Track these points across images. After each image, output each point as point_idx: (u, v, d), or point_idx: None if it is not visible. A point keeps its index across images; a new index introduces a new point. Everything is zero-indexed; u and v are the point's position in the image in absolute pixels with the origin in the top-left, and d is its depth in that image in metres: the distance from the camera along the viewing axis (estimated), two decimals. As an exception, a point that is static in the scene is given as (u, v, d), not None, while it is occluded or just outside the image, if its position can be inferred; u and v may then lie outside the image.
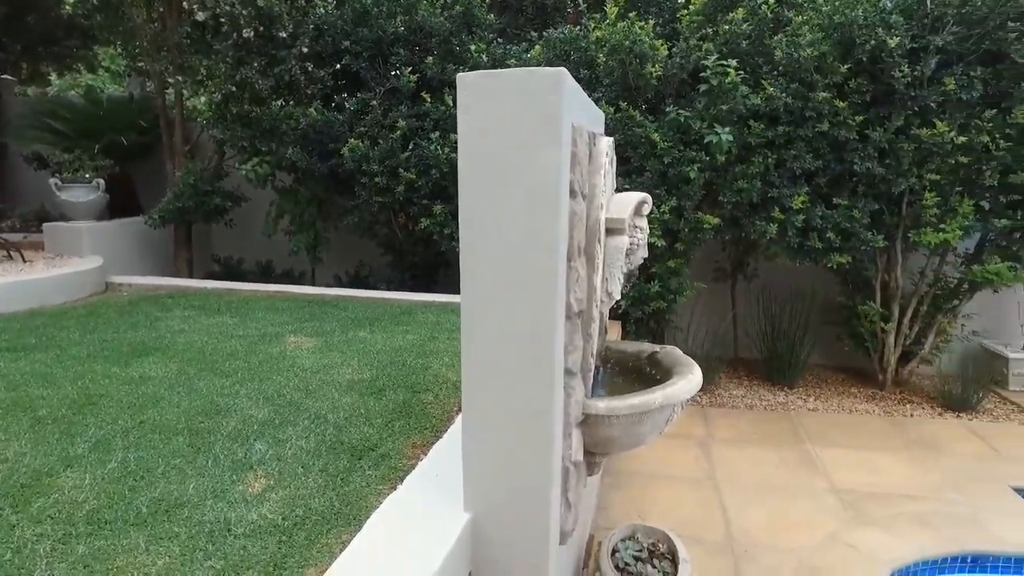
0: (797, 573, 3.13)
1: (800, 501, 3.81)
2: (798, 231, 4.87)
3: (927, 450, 4.54)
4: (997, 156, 4.62)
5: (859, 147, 4.74)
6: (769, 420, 5.00)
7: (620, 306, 5.06)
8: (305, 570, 1.81)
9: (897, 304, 5.40)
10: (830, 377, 6.05)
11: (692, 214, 4.92)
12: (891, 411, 5.30)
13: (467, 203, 1.77)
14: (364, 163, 5.59)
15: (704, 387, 5.47)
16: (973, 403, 5.35)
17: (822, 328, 5.98)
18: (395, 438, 2.62)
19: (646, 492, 3.87)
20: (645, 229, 2.21)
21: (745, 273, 5.91)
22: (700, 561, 3.20)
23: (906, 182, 4.74)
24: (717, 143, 4.59)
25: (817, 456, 4.40)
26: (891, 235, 5.08)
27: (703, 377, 5.52)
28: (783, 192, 4.83)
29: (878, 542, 3.41)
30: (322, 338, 4.07)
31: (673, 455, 4.35)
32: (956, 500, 3.84)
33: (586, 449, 2.18)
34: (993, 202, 4.87)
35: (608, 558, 2.67)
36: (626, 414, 2.02)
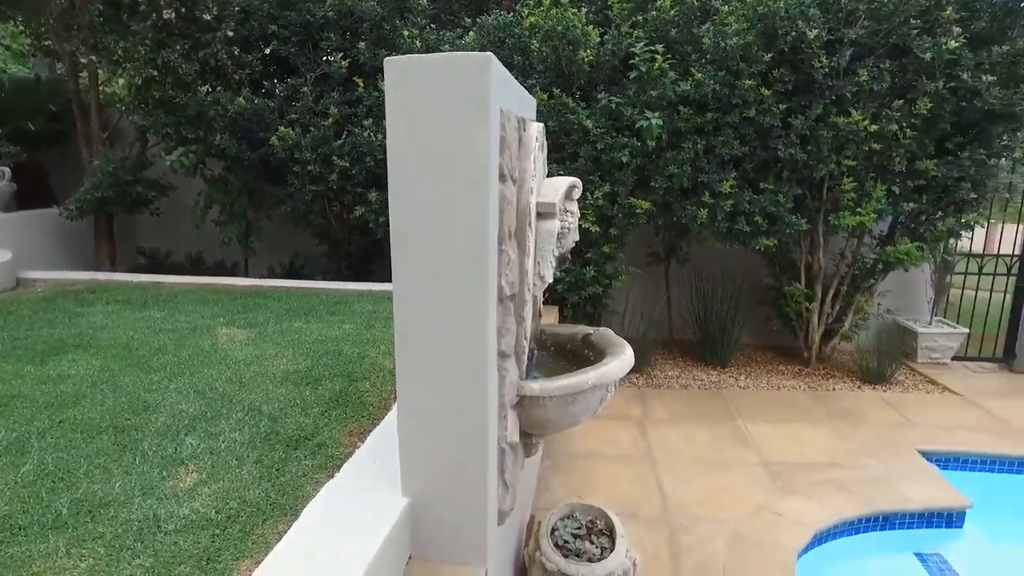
0: (729, 542, 3.28)
1: (732, 474, 3.98)
2: (727, 215, 5.04)
3: (847, 421, 4.81)
4: (905, 144, 4.89)
5: (783, 134, 4.93)
6: (703, 399, 5.19)
7: (557, 291, 5.13)
8: (240, 562, 1.78)
9: (820, 284, 5.67)
10: (760, 356, 6.31)
11: (625, 199, 5.02)
12: (815, 386, 5.58)
13: (396, 188, 1.77)
14: (296, 151, 5.46)
15: (640, 369, 5.63)
16: (887, 376, 5.69)
17: (752, 309, 6.22)
18: (332, 427, 2.60)
19: (586, 472, 3.96)
20: (576, 213, 2.25)
21: (678, 257, 6.08)
22: (638, 535, 3.30)
23: (826, 168, 4.97)
24: (648, 128, 4.69)
25: (748, 431, 4.59)
26: (813, 218, 5.32)
27: (639, 359, 5.67)
28: (712, 177, 4.99)
29: (802, 508, 3.60)
30: (255, 329, 3.97)
31: (611, 436, 4.46)
32: (871, 465, 4.10)
33: (523, 430, 2.22)
34: (902, 187, 5.16)
35: (547, 537, 2.73)
36: (560, 395, 2.06)
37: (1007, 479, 4.45)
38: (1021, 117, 4.98)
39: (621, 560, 2.63)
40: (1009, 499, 4.40)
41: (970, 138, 5.09)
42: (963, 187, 5.16)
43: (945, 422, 4.87)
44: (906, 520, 3.73)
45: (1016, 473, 4.46)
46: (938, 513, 3.75)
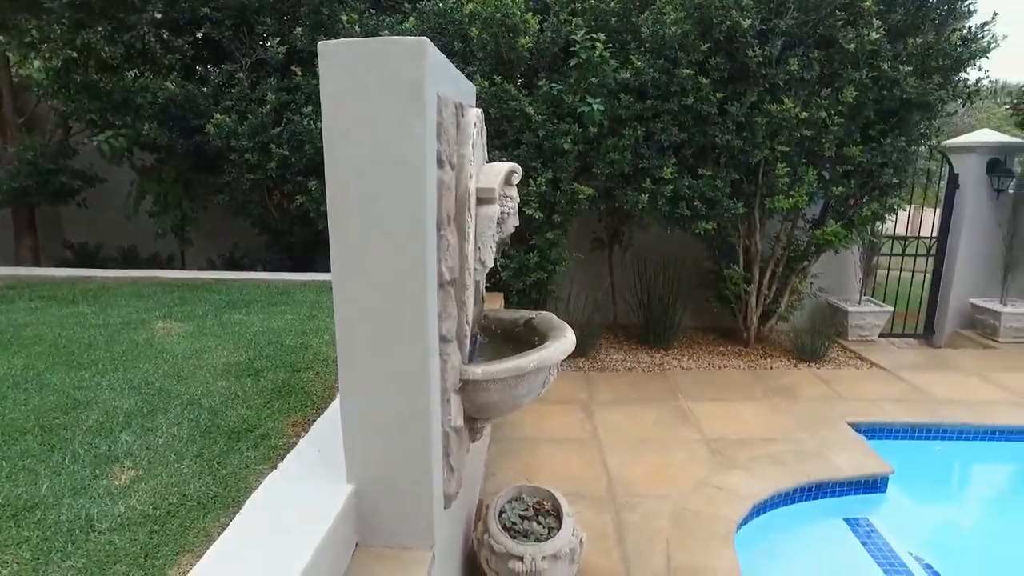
0: (671, 516, 3.39)
1: (675, 452, 4.10)
2: (668, 200, 5.16)
3: (783, 397, 5.01)
4: (833, 130, 5.11)
5: (719, 121, 5.08)
6: (647, 381, 5.32)
7: (501, 278, 5.17)
8: (180, 557, 1.75)
9: (757, 267, 5.88)
10: (701, 338, 6.50)
11: (568, 186, 5.08)
12: (754, 365, 5.79)
13: (333, 175, 1.75)
14: (232, 139, 5.31)
15: (586, 353, 5.72)
16: (821, 353, 5.96)
17: (693, 292, 6.40)
18: (274, 418, 2.56)
19: (533, 456, 4.01)
20: (515, 198, 2.27)
21: (621, 242, 6.20)
22: (584, 514, 3.37)
23: (760, 153, 5.14)
24: (590, 113, 4.76)
25: (690, 410, 4.74)
26: (750, 202, 5.50)
27: (584, 344, 5.74)
28: (653, 163, 5.10)
29: (741, 482, 3.75)
30: (194, 322, 3.86)
31: (558, 419, 4.53)
32: (805, 439, 4.29)
33: (467, 415, 2.24)
34: (831, 172, 5.38)
35: (495, 519, 2.77)
36: (503, 378, 2.09)
37: (926, 445, 4.74)
38: (935, 106, 5.26)
39: (568, 539, 2.69)
40: (927, 463, 4.69)
41: (891, 125, 5.35)
42: (886, 172, 5.42)
43: (872, 395, 5.13)
44: (836, 488, 3.92)
45: (933, 439, 4.75)
46: (864, 480, 3.96)
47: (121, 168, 6.02)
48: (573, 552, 2.71)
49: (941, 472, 4.78)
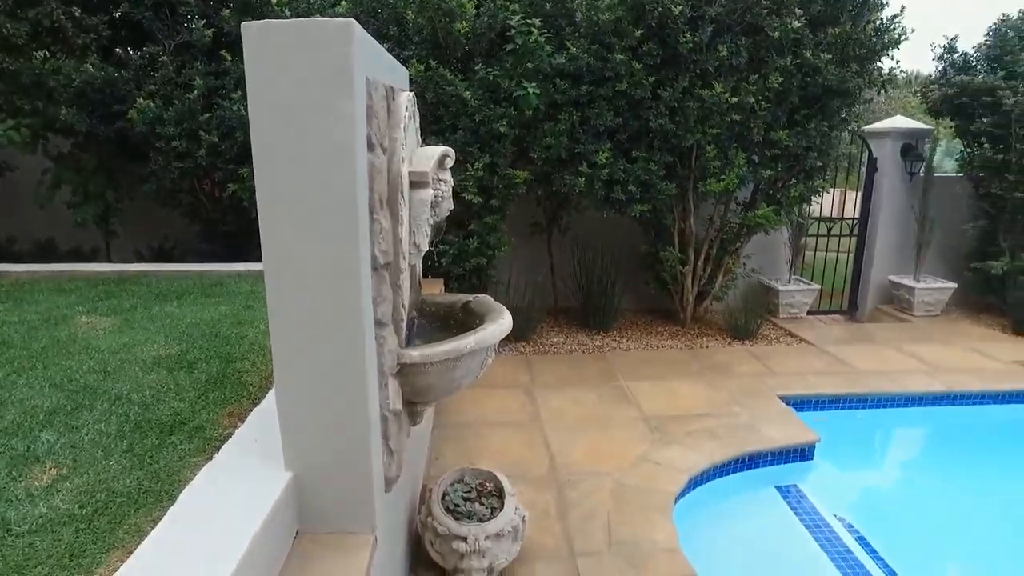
0: (612, 492, 3.49)
1: (615, 431, 4.21)
2: (604, 184, 5.25)
3: (718, 374, 5.20)
4: (761, 115, 5.29)
5: (653, 106, 5.18)
6: (587, 362, 5.42)
7: (441, 264, 5.16)
8: (109, 554, 1.70)
9: (692, 249, 6.05)
10: (640, 319, 6.66)
11: (505, 170, 5.11)
12: (691, 344, 5.98)
13: (261, 161, 1.72)
14: (158, 125, 5.10)
15: (526, 337, 5.79)
16: (753, 331, 6.19)
17: (632, 274, 6.54)
18: (210, 409, 2.50)
19: (476, 440, 4.05)
20: (449, 182, 2.28)
21: (559, 226, 6.26)
22: (528, 495, 3.43)
23: (693, 137, 5.28)
24: (526, 97, 4.78)
25: (629, 390, 4.86)
26: (683, 185, 5.64)
27: (525, 328, 5.79)
28: (588, 147, 5.18)
29: (678, 456, 3.88)
30: (121, 316, 3.72)
31: (501, 403, 4.58)
32: (738, 413, 4.47)
33: (406, 398, 2.25)
34: (760, 155, 5.58)
35: (438, 502, 2.79)
36: (440, 360, 2.10)
37: (849, 414, 5.01)
38: (853, 93, 5.52)
39: (510, 518, 2.74)
40: (850, 431, 4.97)
41: (814, 111, 5.58)
42: (810, 156, 5.66)
43: (800, 369, 5.38)
44: (767, 458, 4.12)
45: (856, 408, 5.03)
46: (793, 449, 4.17)
47: (35, 156, 5.70)
48: (516, 530, 2.76)
49: (863, 438, 5.06)
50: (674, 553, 3.02)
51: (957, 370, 5.49)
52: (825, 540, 3.64)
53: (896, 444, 5.28)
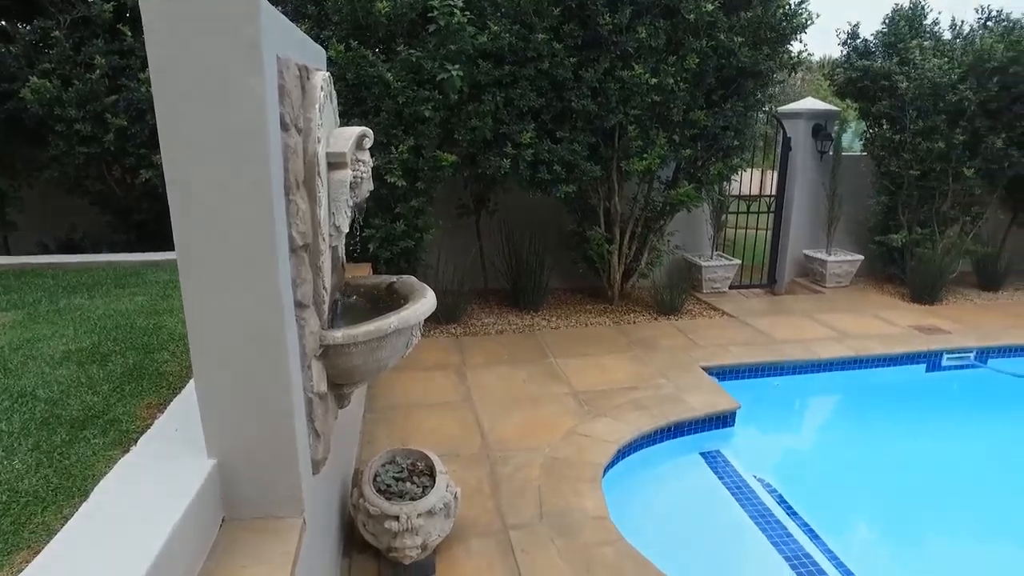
0: (543, 466, 3.57)
1: (545, 407, 4.30)
2: (529, 165, 5.30)
3: (645, 349, 5.37)
4: (680, 96, 5.44)
5: (575, 86, 5.25)
6: (518, 342, 5.49)
7: (369, 248, 5.11)
8: (13, 556, 1.63)
9: (618, 227, 6.19)
10: (569, 298, 6.79)
11: (430, 153, 5.07)
12: (619, 321, 6.14)
13: (169, 143, 1.66)
14: (57, 107, 4.80)
15: (457, 319, 5.81)
16: (678, 306, 6.41)
17: (560, 254, 6.64)
18: (126, 402, 2.42)
19: (408, 421, 4.05)
20: (368, 162, 2.26)
21: (487, 208, 6.29)
22: (461, 472, 3.48)
23: (615, 118, 5.38)
24: (449, 81, 4.76)
25: (559, 367, 4.96)
26: (607, 166, 5.76)
27: (456, 310, 5.80)
28: (513, 128, 5.21)
29: (607, 429, 4.01)
30: (24, 311, 3.51)
31: (432, 385, 4.59)
32: (664, 384, 4.64)
33: (332, 380, 2.24)
34: (680, 135, 5.74)
35: (370, 483, 2.79)
36: (364, 340, 2.10)
37: (767, 381, 5.29)
38: (766, 75, 5.75)
39: (442, 494, 2.77)
40: (768, 397, 5.24)
41: (730, 92, 5.78)
42: (728, 135, 5.87)
43: (722, 341, 5.62)
44: (692, 426, 4.30)
45: (773, 375, 5.31)
46: (715, 416, 4.37)
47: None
48: (448, 507, 2.80)
49: (780, 404, 5.36)
50: (603, 520, 3.13)
51: (864, 336, 5.86)
52: (747, 501, 3.85)
53: (810, 407, 5.61)
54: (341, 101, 4.88)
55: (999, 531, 3.90)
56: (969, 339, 5.92)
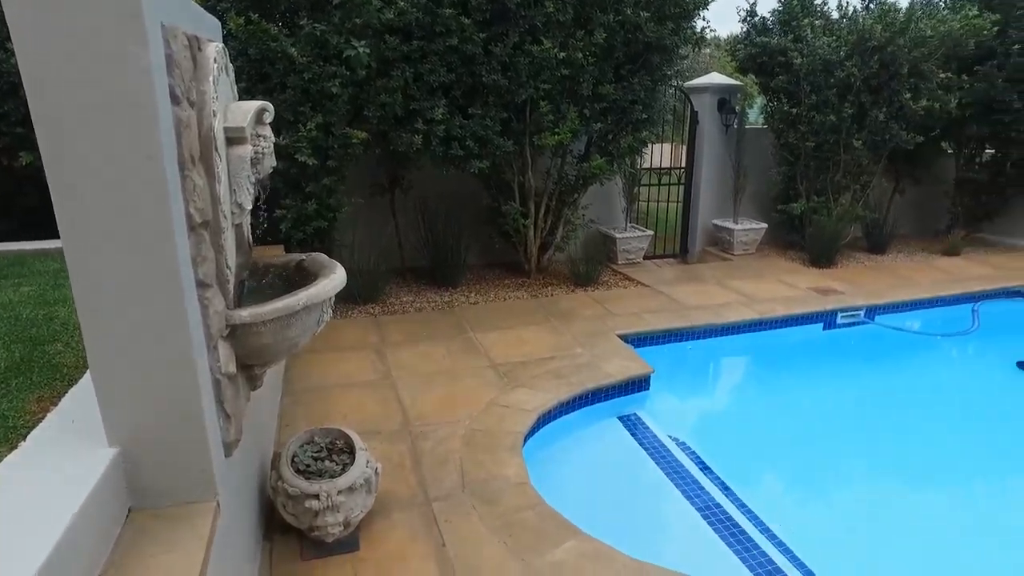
0: (463, 438, 3.62)
1: (465, 380, 4.35)
2: (441, 141, 5.27)
3: (562, 320, 5.49)
4: (589, 70, 5.53)
5: (485, 61, 5.24)
6: (437, 319, 5.50)
7: (281, 229, 4.97)
8: None
9: (533, 202, 6.26)
10: (488, 273, 6.83)
11: (340, 130, 4.96)
12: (537, 294, 6.24)
13: (45, 119, 1.57)
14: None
15: (375, 298, 5.75)
16: (594, 277, 6.58)
17: (477, 230, 6.66)
18: (13, 396, 2.28)
19: (328, 402, 4.01)
20: (270, 137, 2.20)
21: (402, 186, 6.21)
22: (382, 449, 3.48)
23: (526, 92, 5.41)
24: (356, 57, 4.65)
25: (479, 341, 5.01)
26: (520, 140, 5.79)
27: (374, 289, 5.73)
28: (424, 104, 5.15)
29: (526, 398, 4.10)
30: None
31: (351, 365, 4.55)
32: (581, 353, 4.78)
33: (242, 362, 2.19)
34: (591, 109, 5.85)
35: (288, 465, 2.76)
36: (272, 319, 2.07)
37: (680, 346, 5.53)
38: (671, 49, 5.92)
39: (362, 470, 2.78)
40: (681, 360, 5.49)
41: (638, 66, 5.92)
42: (637, 109, 6.03)
43: (637, 309, 5.82)
44: (609, 392, 4.46)
45: (686, 340, 5.55)
46: (631, 381, 4.54)
47: None
48: (369, 482, 2.81)
49: (693, 366, 5.62)
50: (524, 486, 3.22)
51: (768, 299, 6.21)
52: (662, 460, 4.04)
53: (720, 368, 5.92)
54: (244, 78, 4.69)
55: (889, 469, 4.27)
56: (859, 298, 6.38)
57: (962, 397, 5.35)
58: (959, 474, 4.25)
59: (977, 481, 4.23)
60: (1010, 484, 4.20)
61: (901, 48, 6.77)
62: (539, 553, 2.76)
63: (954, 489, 4.13)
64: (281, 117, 4.77)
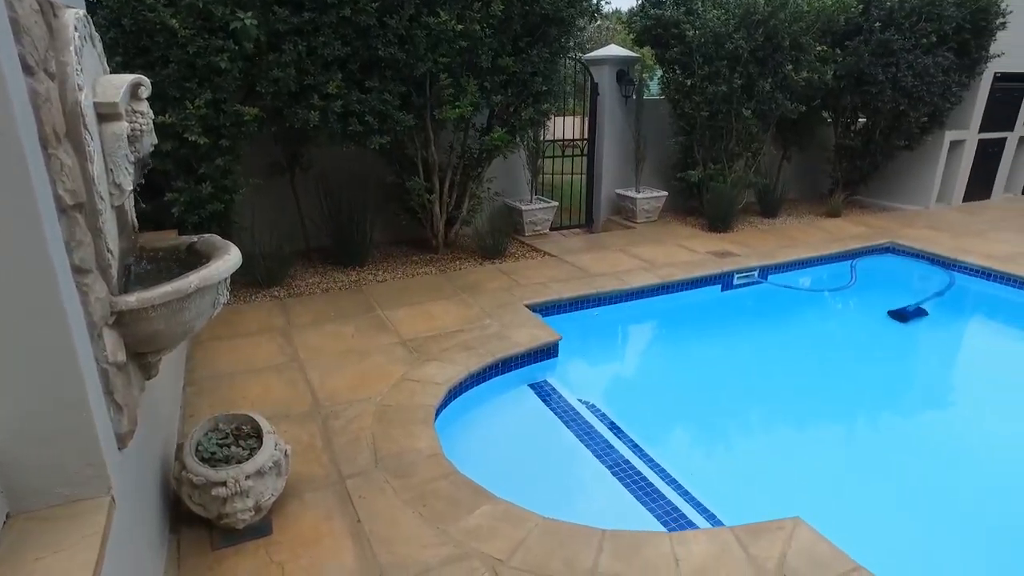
0: (375, 415, 3.62)
1: (375, 358, 4.32)
2: (339, 117, 5.14)
3: (471, 293, 5.53)
4: (487, 43, 5.52)
5: (381, 34, 5.12)
6: (344, 298, 5.41)
7: (173, 214, 4.72)
8: None
9: (437, 176, 6.23)
10: (395, 251, 6.77)
11: (232, 107, 4.73)
12: (445, 269, 6.25)
13: None
14: None
15: (280, 281, 5.60)
16: (501, 250, 6.65)
17: (383, 207, 6.56)
18: None
19: (233, 389, 3.89)
20: (148, 114, 2.09)
21: (301, 164, 6.00)
22: (292, 431, 3.43)
23: (424, 65, 5.34)
24: (243, 30, 4.43)
25: (387, 318, 4.98)
26: (421, 114, 5.73)
27: (278, 272, 5.56)
28: (319, 79, 4.99)
29: (437, 372, 4.13)
30: None
31: (257, 350, 4.42)
32: (490, 324, 4.84)
33: (133, 349, 2.10)
34: (491, 82, 5.85)
35: (192, 454, 2.68)
36: (163, 303, 1.99)
37: (586, 313, 5.71)
38: (568, 22, 5.99)
39: (271, 453, 2.73)
40: (588, 327, 5.67)
41: (536, 38, 5.96)
42: (536, 81, 6.08)
43: (544, 279, 5.94)
44: (518, 360, 4.55)
45: (592, 307, 5.74)
46: (540, 349, 4.65)
47: None
48: (279, 465, 2.77)
49: (600, 332, 5.81)
50: (437, 457, 3.26)
51: (669, 264, 6.49)
52: (574, 423, 4.18)
53: (626, 332, 6.14)
54: (120, 51, 4.39)
55: (786, 414, 4.63)
56: (753, 259, 6.77)
57: (844, 345, 5.84)
58: (845, 412, 4.67)
59: (860, 417, 4.66)
60: (886, 417, 4.67)
61: (782, 22, 7.15)
62: (454, 520, 2.82)
63: (840, 425, 4.54)
64: (166, 94, 4.50)
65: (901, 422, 4.67)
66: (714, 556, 2.65)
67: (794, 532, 2.79)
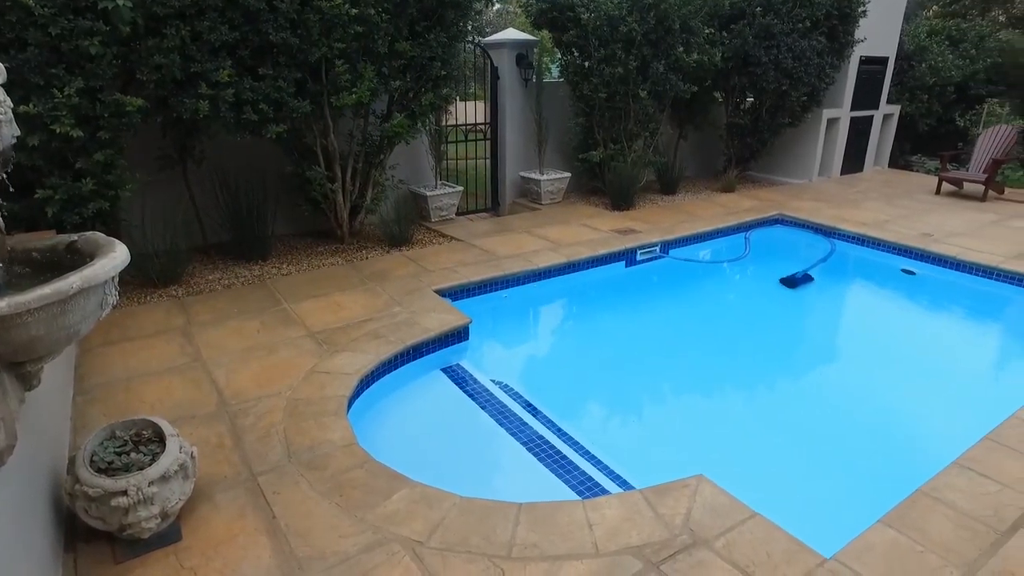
0: (285, 410, 3.55)
1: (282, 352, 4.22)
2: (231, 106, 4.92)
3: (378, 281, 5.49)
4: (383, 27, 5.43)
5: (271, 18, 4.92)
6: (247, 293, 5.23)
7: (48, 213, 4.39)
8: None
9: (338, 165, 6.09)
10: (299, 243, 6.59)
11: (110, 96, 4.43)
12: (351, 258, 6.15)
13: None
14: None
15: (177, 279, 5.36)
16: (408, 237, 6.61)
17: (284, 199, 6.36)
18: None
19: (130, 395, 3.70)
20: (7, 103, 1.95)
21: (194, 157, 5.70)
22: (199, 433, 3.31)
23: (319, 51, 5.19)
24: (116, 11, 4.15)
25: (293, 312, 4.86)
26: (318, 101, 5.57)
27: (175, 270, 5.31)
28: (207, 66, 4.76)
29: (346, 362, 4.08)
30: None
31: (155, 351, 4.21)
32: (399, 312, 4.83)
33: (9, 359, 1.97)
34: (389, 67, 5.77)
35: (86, 466, 2.55)
36: (40, 307, 1.87)
37: (495, 295, 5.79)
38: (465, 5, 5.99)
39: (175, 456, 2.64)
40: (498, 309, 5.76)
41: (433, 22, 5.92)
42: (435, 66, 6.05)
43: (452, 264, 5.97)
44: (429, 346, 4.57)
45: (500, 288, 5.82)
46: (450, 333, 4.68)
47: None
48: (185, 468, 2.68)
49: (509, 313, 5.90)
50: (351, 447, 3.24)
51: (574, 243, 6.66)
52: (488, 404, 4.26)
53: (535, 312, 6.28)
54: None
55: (691, 380, 4.89)
56: (654, 235, 7.06)
57: (741, 312, 6.23)
58: (744, 374, 4.99)
59: (758, 377, 4.98)
60: (780, 376, 5.03)
61: (672, 5, 7.42)
62: (371, 507, 2.83)
63: (741, 386, 4.84)
64: (27, 80, 4.15)
65: (793, 379, 5.04)
66: (625, 518, 2.80)
67: (698, 489, 2.99)
